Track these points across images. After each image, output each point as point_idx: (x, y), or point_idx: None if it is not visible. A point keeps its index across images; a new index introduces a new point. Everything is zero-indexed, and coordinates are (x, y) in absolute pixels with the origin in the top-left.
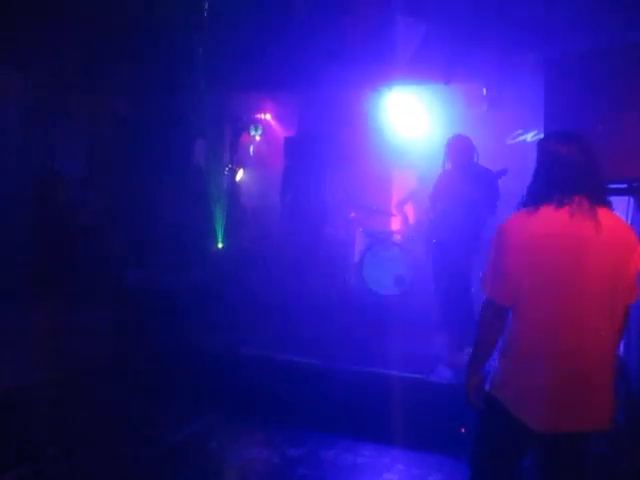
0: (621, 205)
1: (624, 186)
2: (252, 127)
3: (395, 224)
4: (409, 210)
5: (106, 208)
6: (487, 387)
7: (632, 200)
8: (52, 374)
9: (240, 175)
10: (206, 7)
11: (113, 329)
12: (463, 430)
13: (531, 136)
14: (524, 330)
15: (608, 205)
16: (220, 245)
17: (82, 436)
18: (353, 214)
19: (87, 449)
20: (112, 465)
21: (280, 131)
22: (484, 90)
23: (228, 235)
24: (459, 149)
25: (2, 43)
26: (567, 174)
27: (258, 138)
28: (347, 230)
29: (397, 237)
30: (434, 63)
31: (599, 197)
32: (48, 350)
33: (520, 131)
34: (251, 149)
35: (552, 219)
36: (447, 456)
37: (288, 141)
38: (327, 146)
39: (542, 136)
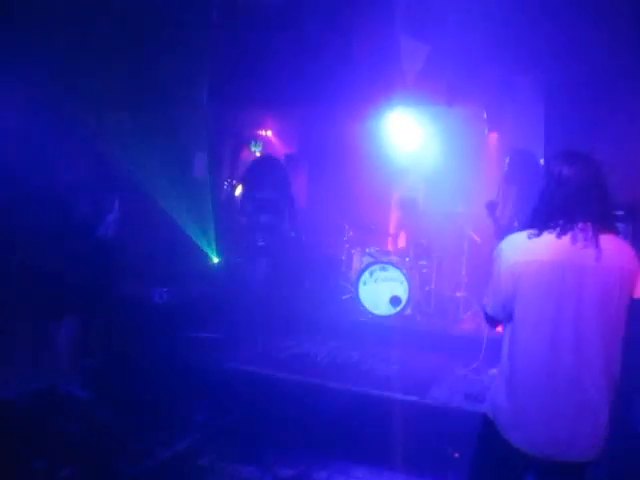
0: None
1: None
2: (253, 143)
3: (392, 244)
4: (401, 235)
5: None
6: (485, 408)
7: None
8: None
9: (239, 190)
10: (209, 21)
11: (102, 342)
12: (457, 455)
13: None
14: (519, 355)
15: (614, 231)
16: (216, 260)
17: (69, 451)
18: (351, 233)
19: (76, 464)
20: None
21: (281, 148)
22: (484, 114)
23: (223, 250)
24: (523, 165)
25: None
26: (572, 198)
27: (258, 154)
28: (344, 249)
29: (394, 258)
30: (437, 84)
31: (605, 223)
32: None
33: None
34: None
35: (552, 246)
36: None
37: (288, 158)
38: (326, 164)
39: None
